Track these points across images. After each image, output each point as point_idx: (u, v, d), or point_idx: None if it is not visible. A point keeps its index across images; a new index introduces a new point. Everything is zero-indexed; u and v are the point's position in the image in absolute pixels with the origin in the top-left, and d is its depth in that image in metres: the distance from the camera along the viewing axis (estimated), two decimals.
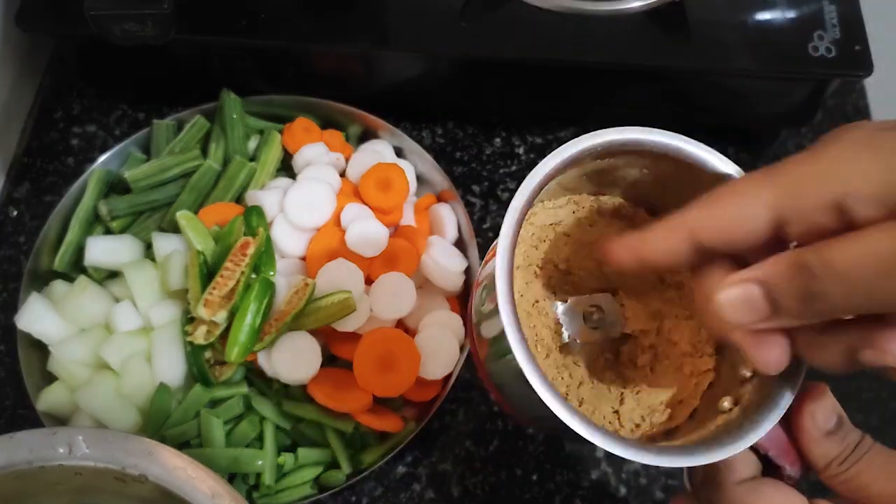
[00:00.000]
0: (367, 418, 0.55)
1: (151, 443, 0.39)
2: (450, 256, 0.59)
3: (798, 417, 0.34)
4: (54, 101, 0.73)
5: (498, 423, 0.60)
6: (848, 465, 0.34)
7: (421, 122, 0.72)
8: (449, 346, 0.56)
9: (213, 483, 0.38)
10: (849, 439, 0.34)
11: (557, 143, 0.71)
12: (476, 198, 0.69)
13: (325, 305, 0.54)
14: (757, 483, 0.34)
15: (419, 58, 0.66)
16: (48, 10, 0.64)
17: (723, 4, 0.63)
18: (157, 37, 0.60)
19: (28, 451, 0.38)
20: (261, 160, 0.63)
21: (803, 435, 0.34)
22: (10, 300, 0.64)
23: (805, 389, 0.34)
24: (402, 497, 0.57)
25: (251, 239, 0.55)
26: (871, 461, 0.34)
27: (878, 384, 0.61)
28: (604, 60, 0.62)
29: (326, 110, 0.66)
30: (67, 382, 0.55)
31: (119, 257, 0.58)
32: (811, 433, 0.34)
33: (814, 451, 0.34)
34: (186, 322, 0.55)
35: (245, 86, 0.65)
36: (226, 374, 0.55)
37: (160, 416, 0.53)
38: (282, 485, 0.54)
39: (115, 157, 0.63)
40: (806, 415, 0.34)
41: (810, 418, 0.34)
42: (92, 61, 0.70)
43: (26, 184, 0.69)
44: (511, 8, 0.63)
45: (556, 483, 0.58)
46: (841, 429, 0.34)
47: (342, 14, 0.63)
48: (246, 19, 0.63)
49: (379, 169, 0.61)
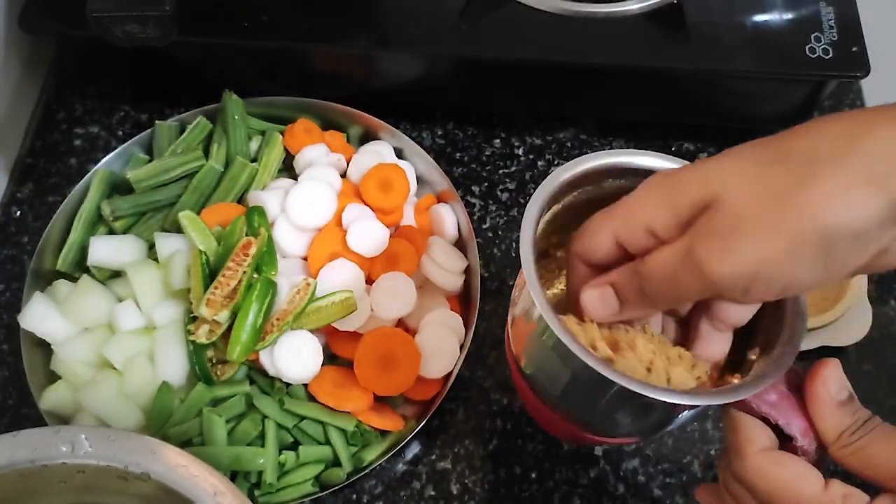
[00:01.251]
0: (368, 417, 0.55)
1: (154, 441, 0.39)
2: (450, 256, 0.59)
3: (812, 386, 0.37)
4: (57, 102, 0.74)
5: (498, 421, 0.60)
6: (859, 435, 0.36)
7: (421, 123, 0.72)
8: (449, 345, 0.56)
9: (215, 481, 0.38)
10: (859, 413, 0.36)
11: (557, 144, 0.72)
12: (476, 198, 0.69)
13: (326, 305, 0.55)
14: (777, 453, 0.37)
15: (419, 59, 0.66)
16: (50, 12, 0.64)
17: (721, 6, 0.64)
18: (158, 38, 0.60)
19: (31, 450, 0.39)
20: (262, 161, 0.63)
21: (816, 403, 0.37)
22: (14, 300, 0.64)
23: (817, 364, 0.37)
24: (402, 495, 0.58)
25: (253, 239, 0.55)
26: (880, 435, 0.36)
27: (875, 384, 0.61)
28: (603, 62, 0.63)
29: (327, 111, 0.66)
30: (70, 381, 0.56)
31: (122, 257, 0.58)
32: (825, 400, 0.37)
33: (826, 419, 0.36)
34: (189, 321, 0.55)
35: (247, 87, 0.66)
36: (228, 373, 0.55)
37: (163, 414, 0.54)
38: (283, 483, 0.54)
39: (117, 158, 0.64)
40: (819, 383, 0.37)
41: (823, 386, 0.37)
42: (94, 63, 0.71)
43: (30, 184, 0.70)
44: (511, 9, 0.63)
45: (555, 481, 0.58)
46: (852, 402, 0.37)
47: (343, 16, 0.64)
48: (247, 21, 0.63)
49: (379, 169, 0.61)
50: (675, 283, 0.34)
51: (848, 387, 0.37)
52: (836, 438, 0.36)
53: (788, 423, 0.37)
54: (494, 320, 0.63)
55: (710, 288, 0.33)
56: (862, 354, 0.62)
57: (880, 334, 0.63)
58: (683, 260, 0.33)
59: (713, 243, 0.32)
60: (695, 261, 0.33)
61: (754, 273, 0.31)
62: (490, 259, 0.66)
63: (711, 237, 0.32)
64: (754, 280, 0.32)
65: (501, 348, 0.62)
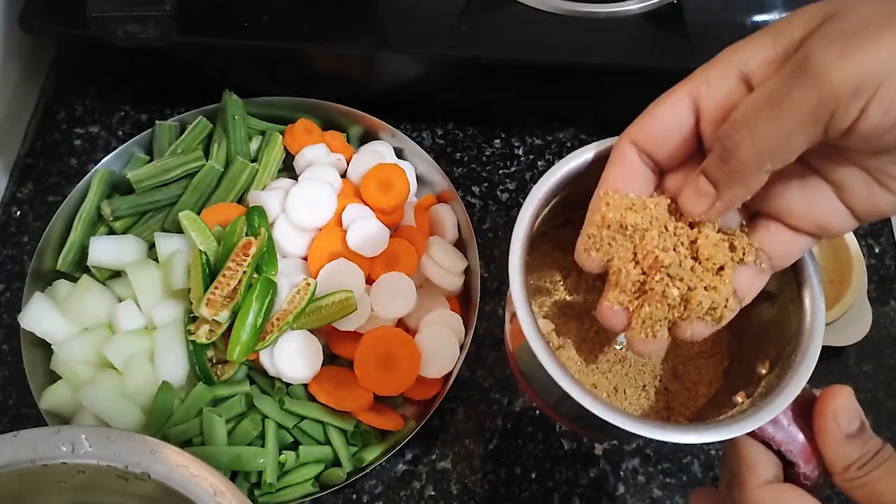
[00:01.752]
0: (368, 416, 0.55)
1: (154, 441, 0.39)
2: (450, 256, 0.59)
3: (820, 418, 0.35)
4: (57, 102, 0.74)
5: (497, 421, 0.60)
6: (867, 470, 0.34)
7: (421, 124, 0.72)
8: (449, 345, 0.56)
9: (215, 481, 0.38)
10: (869, 445, 0.34)
11: (557, 144, 0.72)
12: (476, 198, 0.69)
13: (326, 305, 0.55)
14: (780, 488, 0.35)
15: (420, 59, 0.66)
16: (50, 13, 0.64)
17: (720, 6, 0.63)
18: (159, 38, 0.60)
19: (31, 450, 0.39)
20: (262, 161, 0.63)
21: (825, 435, 0.35)
22: (14, 300, 0.64)
23: (829, 391, 0.35)
24: (402, 495, 0.58)
25: (253, 239, 0.56)
26: (890, 469, 0.34)
27: (875, 384, 0.61)
28: (603, 62, 0.63)
29: (327, 111, 0.66)
30: (71, 381, 0.56)
31: (122, 257, 0.58)
32: (833, 434, 0.34)
33: (834, 452, 0.34)
34: (189, 321, 0.55)
35: (247, 87, 0.66)
36: (228, 373, 0.55)
37: (163, 414, 0.54)
38: (283, 482, 0.54)
39: (117, 158, 0.64)
40: (829, 415, 0.34)
41: (833, 419, 0.34)
42: (94, 63, 0.71)
43: (30, 184, 0.70)
44: (511, 9, 0.63)
45: (554, 481, 0.58)
46: (863, 434, 0.35)
47: (343, 16, 0.64)
48: (248, 21, 0.63)
49: (379, 170, 0.61)
50: (780, 107, 0.28)
51: (860, 416, 0.35)
52: (844, 470, 0.34)
53: (791, 450, 0.35)
54: (494, 320, 0.63)
55: (829, 99, 0.27)
56: (862, 354, 0.62)
57: (880, 334, 0.63)
58: (795, 70, 0.28)
59: (834, 45, 0.27)
60: (811, 66, 0.27)
61: (881, 74, 0.26)
62: (490, 259, 0.66)
63: (832, 40, 0.27)
64: (881, 84, 0.27)
65: (501, 348, 0.62)
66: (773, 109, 0.28)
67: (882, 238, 0.67)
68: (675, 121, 0.32)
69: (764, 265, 0.35)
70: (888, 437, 0.61)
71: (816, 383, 0.66)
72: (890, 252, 0.66)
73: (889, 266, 0.65)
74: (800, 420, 0.36)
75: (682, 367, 0.45)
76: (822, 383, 0.65)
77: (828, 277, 0.62)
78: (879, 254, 0.66)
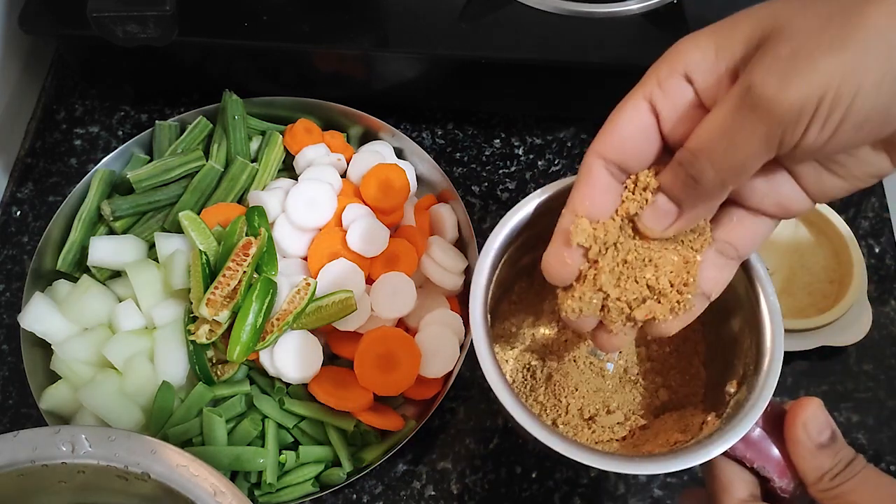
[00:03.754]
0: (368, 416, 0.55)
1: (154, 441, 0.39)
2: (450, 256, 0.59)
3: (791, 429, 0.35)
4: (57, 102, 0.74)
5: (498, 421, 0.60)
6: (839, 480, 0.34)
7: (421, 124, 0.72)
8: (449, 344, 0.56)
9: (215, 481, 0.38)
10: (841, 455, 0.35)
11: (557, 144, 0.72)
12: (476, 198, 0.69)
13: (326, 305, 0.55)
14: None
15: (419, 59, 0.66)
16: (51, 12, 0.64)
17: (721, 6, 0.63)
18: (159, 38, 0.60)
19: (31, 450, 0.39)
20: (262, 161, 0.63)
21: (796, 446, 0.35)
22: (14, 300, 0.64)
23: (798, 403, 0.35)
24: (402, 494, 0.58)
25: (253, 239, 0.56)
26: (863, 480, 0.34)
27: (875, 384, 0.61)
28: (603, 61, 0.63)
29: (327, 111, 0.66)
30: (71, 381, 0.56)
31: (122, 257, 0.58)
32: (804, 444, 0.35)
33: (806, 462, 0.35)
34: (189, 321, 0.55)
35: (247, 87, 0.66)
36: (228, 373, 0.55)
37: (163, 414, 0.54)
38: (283, 482, 0.54)
39: (117, 158, 0.64)
40: (799, 426, 0.35)
41: (803, 429, 0.35)
42: (94, 63, 0.71)
43: (30, 184, 0.70)
44: (511, 9, 0.63)
45: (555, 481, 0.58)
46: (834, 443, 0.35)
47: (343, 16, 0.64)
48: (248, 21, 0.63)
49: (379, 169, 0.61)
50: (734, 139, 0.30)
51: (831, 426, 0.36)
52: (817, 481, 0.35)
53: (765, 466, 0.36)
54: None
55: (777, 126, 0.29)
56: (862, 354, 0.62)
57: (880, 334, 0.63)
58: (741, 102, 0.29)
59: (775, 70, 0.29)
60: (756, 96, 0.29)
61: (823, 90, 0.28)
62: None
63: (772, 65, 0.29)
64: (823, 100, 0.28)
65: None
66: (728, 141, 0.30)
67: (882, 238, 0.67)
68: (637, 127, 0.33)
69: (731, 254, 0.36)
70: (889, 437, 0.61)
71: (817, 384, 0.66)
72: (890, 252, 0.66)
73: (889, 266, 0.65)
74: (773, 435, 0.36)
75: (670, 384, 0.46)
76: (822, 383, 0.65)
77: (828, 277, 0.62)
78: (879, 254, 0.66)
